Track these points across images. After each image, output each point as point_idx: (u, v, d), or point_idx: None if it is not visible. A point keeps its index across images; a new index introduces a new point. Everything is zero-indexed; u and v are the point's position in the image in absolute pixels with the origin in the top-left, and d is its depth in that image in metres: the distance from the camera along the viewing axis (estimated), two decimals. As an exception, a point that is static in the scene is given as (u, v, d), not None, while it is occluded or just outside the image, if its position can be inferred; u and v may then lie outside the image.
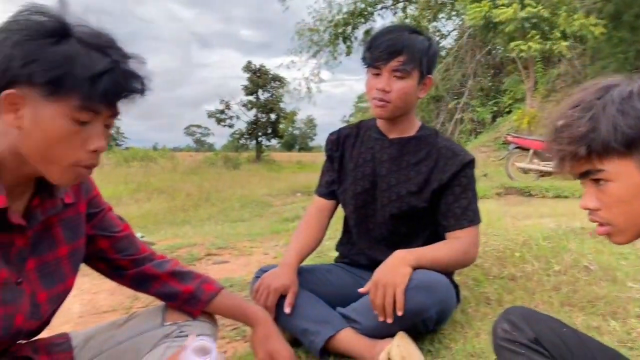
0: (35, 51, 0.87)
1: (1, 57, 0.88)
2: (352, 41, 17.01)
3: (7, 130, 0.93)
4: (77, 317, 2.37)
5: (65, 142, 0.93)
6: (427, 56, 1.73)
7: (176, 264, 1.35)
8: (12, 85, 0.89)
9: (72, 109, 0.91)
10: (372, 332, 1.66)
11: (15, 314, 1.03)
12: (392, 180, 1.82)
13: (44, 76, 0.87)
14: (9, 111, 0.90)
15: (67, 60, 0.88)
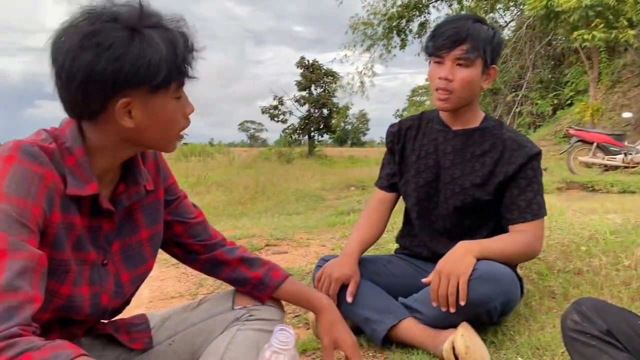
0: (138, 55, 0.94)
1: (107, 73, 0.93)
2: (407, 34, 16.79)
3: (108, 129, 1.01)
4: (147, 301, 2.48)
5: (175, 119, 1.05)
6: (491, 45, 1.71)
7: (245, 251, 1.40)
8: (121, 95, 0.96)
9: (173, 92, 1.02)
10: (434, 322, 1.67)
11: (102, 293, 1.10)
12: (455, 172, 1.81)
13: (155, 77, 0.96)
14: (123, 115, 0.98)
15: (161, 56, 0.96)
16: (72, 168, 1.00)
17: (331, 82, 39.16)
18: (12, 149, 0.93)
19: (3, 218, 0.85)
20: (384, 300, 1.78)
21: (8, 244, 0.83)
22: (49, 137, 1.00)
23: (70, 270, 1.01)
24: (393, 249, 2.14)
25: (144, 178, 1.15)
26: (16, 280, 0.80)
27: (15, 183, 0.89)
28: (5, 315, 0.76)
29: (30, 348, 0.75)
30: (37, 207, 0.91)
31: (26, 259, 0.84)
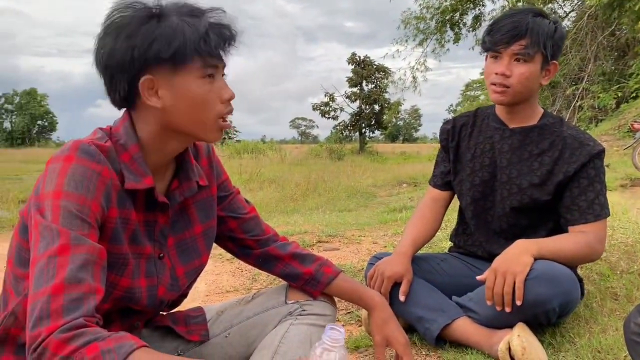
0: (150, 34, 0.98)
1: (122, 50, 0.98)
2: (460, 28, 16.43)
3: (147, 116, 1.05)
4: (203, 295, 2.55)
5: (205, 101, 1.04)
6: (552, 40, 1.64)
7: (297, 247, 1.41)
8: (142, 72, 1.00)
9: (198, 70, 1.02)
10: (490, 322, 1.64)
11: (158, 285, 1.14)
12: (512, 171, 1.76)
13: (168, 51, 0.98)
14: (150, 95, 1.02)
15: (177, 31, 0.98)
16: (127, 163, 1.04)
17: (383, 77, 38.92)
18: (71, 148, 0.97)
19: (64, 214, 0.90)
20: (438, 299, 1.76)
21: (70, 239, 0.88)
22: (105, 136, 1.05)
23: (128, 263, 1.05)
24: (446, 247, 2.12)
25: (196, 174, 1.18)
26: (79, 273, 0.85)
27: (74, 181, 0.94)
28: (71, 306, 0.81)
29: (97, 338, 0.79)
30: (95, 203, 0.95)
31: (87, 253, 0.88)
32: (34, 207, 0.93)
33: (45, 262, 0.85)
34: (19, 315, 1.03)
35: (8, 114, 72.73)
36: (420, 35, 16.61)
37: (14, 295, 1.05)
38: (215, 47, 1.02)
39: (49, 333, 0.77)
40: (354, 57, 40.32)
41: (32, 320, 0.80)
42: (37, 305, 0.81)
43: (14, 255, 1.06)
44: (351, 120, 40.00)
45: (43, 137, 73.13)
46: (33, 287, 0.84)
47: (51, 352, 0.77)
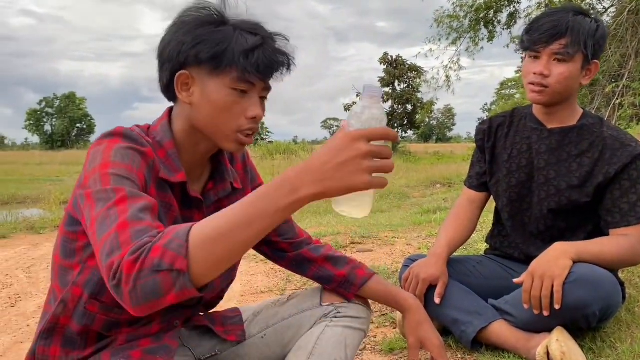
0: (201, 35, 1.03)
1: (175, 43, 1.05)
2: (495, 26, 16.14)
3: (182, 112, 1.10)
4: (238, 295, 2.59)
5: (228, 111, 1.06)
6: (594, 39, 1.60)
7: (330, 249, 1.42)
8: (183, 67, 1.05)
9: (232, 80, 1.04)
10: (527, 325, 1.61)
11: None
12: (550, 173, 1.72)
13: (208, 52, 1.02)
14: (183, 90, 1.07)
15: (225, 40, 1.02)
16: (163, 159, 1.08)
17: (415, 77, 38.61)
18: (115, 133, 1.02)
19: (116, 178, 0.92)
20: (474, 302, 1.75)
21: (127, 192, 0.90)
22: (143, 132, 1.09)
23: None
24: (482, 249, 2.09)
25: (230, 176, 1.22)
26: (140, 214, 0.86)
27: (120, 154, 0.97)
28: (138, 236, 0.81)
29: (154, 241, 0.78)
30: (140, 174, 0.98)
31: (145, 201, 0.90)
32: (80, 190, 0.95)
33: (106, 212, 0.86)
34: (68, 303, 1.07)
35: (49, 117, 75.03)
36: (453, 34, 16.36)
37: (60, 288, 1.08)
38: (255, 66, 1.03)
39: (121, 258, 0.78)
40: (386, 57, 40.14)
41: (103, 257, 0.81)
42: (106, 245, 0.82)
43: (59, 248, 1.10)
44: (383, 121, 39.76)
45: (82, 139, 75.15)
46: (98, 235, 0.84)
47: (125, 274, 0.77)
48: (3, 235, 5.05)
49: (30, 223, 5.76)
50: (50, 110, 74.86)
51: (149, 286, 0.76)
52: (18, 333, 2.30)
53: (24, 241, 4.82)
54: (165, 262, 0.76)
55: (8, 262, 3.79)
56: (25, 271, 3.49)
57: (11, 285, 3.13)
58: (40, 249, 4.34)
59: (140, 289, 0.76)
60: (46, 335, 1.09)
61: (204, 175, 1.19)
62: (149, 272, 0.76)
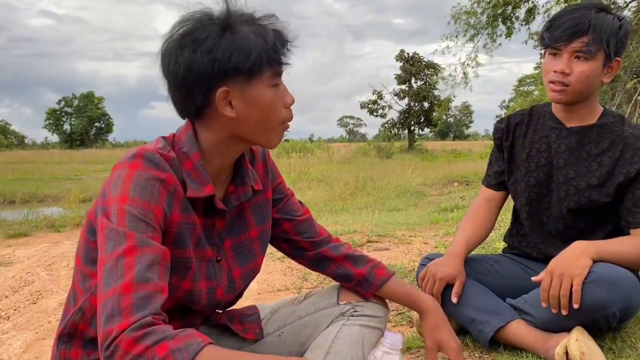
0: (228, 47, 1.01)
1: (202, 63, 1.01)
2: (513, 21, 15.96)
3: (215, 125, 1.08)
4: (255, 293, 2.61)
5: (274, 108, 1.08)
6: (617, 37, 1.57)
7: (350, 248, 1.42)
8: (219, 85, 1.03)
9: (269, 79, 1.06)
10: (546, 325, 1.60)
11: (217, 287, 1.18)
12: (570, 172, 1.70)
13: (245, 63, 1.01)
14: (225, 106, 1.05)
15: (250, 44, 1.01)
16: (189, 172, 1.08)
17: (432, 74, 38.40)
18: (137, 156, 1.01)
19: (130, 218, 0.94)
20: (491, 301, 1.73)
21: (136, 240, 0.91)
22: (167, 145, 1.09)
23: (190, 267, 1.09)
24: (500, 247, 2.08)
25: (251, 179, 1.21)
26: (147, 273, 0.88)
27: (139, 187, 0.97)
28: (140, 304, 0.84)
29: (165, 337, 0.82)
30: (158, 209, 0.99)
31: (153, 254, 0.92)
32: (101, 210, 0.98)
33: (114, 262, 0.89)
34: (86, 312, 1.09)
35: (68, 116, 76.00)
36: (471, 30, 16.19)
37: (82, 292, 1.11)
38: (282, 56, 1.06)
39: (120, 330, 0.81)
40: (403, 54, 39.96)
41: (103, 318, 0.84)
42: (107, 304, 0.84)
43: (82, 253, 1.12)
44: (400, 118, 39.68)
45: (100, 138, 76.03)
46: (102, 287, 0.87)
47: (123, 349, 0.80)
48: (24, 233, 5.14)
49: (50, 221, 5.86)
50: (69, 110, 75.82)
51: None
52: (40, 330, 2.34)
53: (44, 239, 4.91)
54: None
55: (29, 260, 3.86)
56: (46, 269, 3.55)
57: (32, 283, 3.18)
58: (61, 247, 4.41)
59: None
60: (66, 339, 1.12)
61: (226, 179, 1.19)
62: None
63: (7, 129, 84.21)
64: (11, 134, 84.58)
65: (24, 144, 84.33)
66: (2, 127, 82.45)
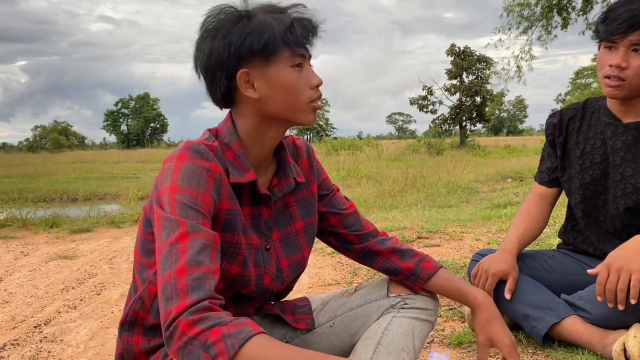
0: (242, 31, 1.07)
1: (219, 49, 1.08)
2: (569, 12, 15.39)
3: (246, 109, 1.14)
4: (307, 287, 2.65)
5: (296, 87, 1.12)
6: None
7: (396, 242, 1.42)
8: (238, 67, 1.09)
9: (288, 59, 1.10)
10: (603, 322, 1.56)
11: (265, 274, 1.22)
12: (627, 170, 1.65)
13: (259, 43, 1.06)
14: (248, 88, 1.11)
15: (265, 26, 1.07)
16: (232, 160, 1.13)
17: (484, 68, 37.57)
18: (183, 148, 1.08)
19: (181, 206, 1.00)
20: (545, 297, 1.71)
21: (188, 227, 0.97)
22: (212, 136, 1.16)
23: (240, 252, 1.14)
24: (554, 244, 2.04)
25: (293, 171, 1.26)
26: (198, 256, 0.94)
27: (187, 177, 1.03)
28: (195, 285, 0.89)
29: (219, 323, 0.86)
30: (207, 196, 1.04)
31: (204, 238, 0.97)
32: (155, 201, 1.04)
33: (168, 249, 0.95)
34: (145, 300, 1.15)
35: (124, 117, 78.90)
36: (524, 22, 15.73)
37: (140, 282, 1.18)
38: (301, 37, 1.10)
39: (178, 312, 0.86)
40: (453, 49, 39.24)
41: (163, 301, 0.90)
42: (166, 288, 0.90)
43: (139, 246, 1.19)
44: (451, 114, 39.01)
45: (155, 138, 78.59)
46: (160, 272, 0.94)
47: (180, 331, 0.85)
48: (87, 229, 5.39)
49: (110, 218, 6.12)
50: (125, 111, 78.70)
51: (194, 356, 0.84)
52: (104, 319, 2.47)
53: (105, 234, 5.13)
54: (214, 350, 0.83)
55: (92, 254, 4.06)
56: (108, 262, 3.73)
57: (96, 275, 3.35)
58: (121, 242, 4.61)
59: (187, 353, 0.85)
60: (128, 327, 1.18)
61: (269, 172, 1.24)
62: (200, 346, 0.84)
63: (69, 130, 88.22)
64: (72, 135, 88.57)
65: (84, 145, 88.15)
66: (64, 129, 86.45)
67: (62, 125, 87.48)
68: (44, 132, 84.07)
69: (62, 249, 4.31)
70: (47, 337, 2.25)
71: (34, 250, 4.30)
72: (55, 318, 2.51)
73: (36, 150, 66.08)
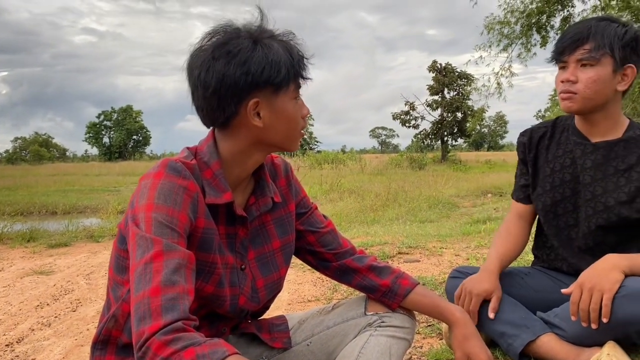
0: (261, 60, 1.07)
1: (235, 75, 1.06)
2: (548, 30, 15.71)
3: (240, 134, 1.13)
4: (286, 304, 2.64)
5: (295, 118, 1.16)
6: (621, 42, 1.57)
7: (374, 260, 1.43)
8: (251, 96, 1.09)
9: (293, 92, 1.13)
10: (577, 339, 1.57)
11: (240, 294, 1.21)
12: (597, 189, 1.68)
13: (278, 76, 1.08)
14: (253, 116, 1.11)
15: (282, 58, 1.08)
16: (209, 180, 1.13)
17: (465, 84, 38.06)
18: (160, 166, 1.08)
19: (156, 225, 0.99)
20: (521, 314, 1.72)
21: (163, 246, 0.96)
22: (191, 155, 1.15)
23: (215, 271, 1.13)
24: (531, 259, 2.05)
25: (271, 191, 1.26)
26: (173, 276, 0.93)
27: (164, 195, 1.03)
28: (168, 305, 0.88)
29: (193, 343, 0.85)
30: (183, 214, 1.04)
31: (179, 258, 0.96)
32: (130, 219, 1.03)
33: (143, 268, 0.94)
34: (119, 318, 1.14)
35: (107, 129, 78.19)
36: (504, 40, 16.02)
37: (114, 300, 1.16)
38: (305, 71, 1.14)
39: (151, 332, 0.85)
40: (435, 65, 39.74)
41: (136, 320, 0.89)
42: (139, 307, 0.89)
43: (113, 263, 1.18)
44: (433, 129, 39.38)
45: (138, 151, 77.94)
46: (134, 291, 0.92)
47: (153, 352, 0.84)
48: (65, 243, 5.31)
49: (89, 232, 6.04)
50: (108, 123, 78.00)
51: None
52: (79, 337, 2.42)
53: (83, 249, 5.06)
54: None
55: (69, 269, 3.99)
56: (85, 278, 3.67)
57: (72, 291, 3.29)
58: (99, 256, 4.54)
59: None
60: (101, 346, 1.16)
61: (247, 191, 1.24)
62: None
63: (50, 142, 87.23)
64: (53, 147, 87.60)
65: (65, 157, 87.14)
66: (45, 140, 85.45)
67: (43, 137, 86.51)
68: (24, 144, 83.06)
69: (39, 264, 4.24)
70: (19, 355, 2.20)
71: (9, 266, 4.22)
72: (29, 336, 2.46)
73: (16, 162, 65.17)
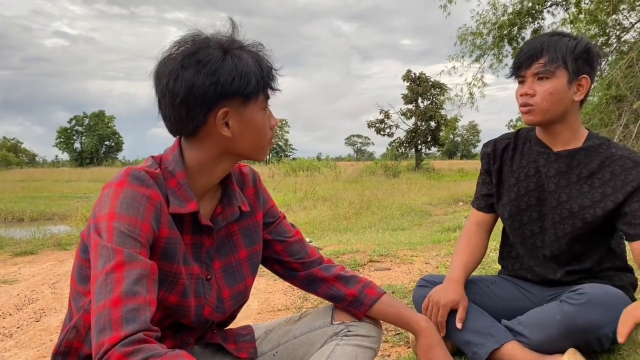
0: (231, 70, 1.06)
1: (204, 85, 1.05)
2: (519, 42, 16.03)
3: (208, 143, 1.12)
4: (255, 313, 2.62)
5: (265, 129, 1.16)
6: (573, 55, 1.63)
7: (342, 269, 1.43)
8: (220, 106, 1.08)
9: (262, 102, 1.13)
10: (540, 346, 1.60)
11: (205, 305, 1.20)
12: (562, 196, 1.72)
13: (248, 87, 1.08)
14: (222, 126, 1.10)
15: (252, 69, 1.08)
16: (174, 189, 1.12)
17: (439, 94, 38.56)
18: (123, 174, 1.06)
19: (118, 234, 0.97)
20: (486, 323, 1.74)
21: (125, 256, 0.95)
22: (155, 164, 1.13)
23: (178, 281, 1.12)
24: (498, 268, 2.08)
25: (238, 200, 1.25)
26: (134, 287, 0.91)
27: (126, 204, 1.01)
28: (129, 316, 0.87)
29: (154, 355, 0.84)
30: (146, 224, 1.02)
31: (141, 268, 0.95)
32: (92, 228, 1.01)
33: (104, 278, 0.92)
34: (80, 329, 1.11)
35: (78, 135, 76.81)
36: (477, 51, 16.26)
37: (75, 310, 1.14)
38: (274, 83, 1.14)
39: (111, 344, 0.84)
40: (409, 74, 40.19)
41: (95, 331, 0.87)
42: (99, 318, 0.88)
43: (75, 273, 1.16)
44: (407, 137, 39.78)
45: (110, 156, 76.76)
46: (95, 302, 0.91)
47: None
48: (31, 252, 5.18)
49: (57, 239, 5.91)
50: (80, 129, 76.64)
51: None
52: (42, 348, 2.36)
53: (50, 257, 4.94)
54: None
55: (35, 278, 3.89)
56: (51, 287, 3.58)
57: (37, 301, 3.21)
58: (66, 265, 4.44)
59: None
60: (62, 357, 1.14)
61: (213, 200, 1.23)
62: None
63: (19, 147, 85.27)
64: (22, 152, 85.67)
65: (34, 162, 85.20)
66: (14, 145, 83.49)
67: (11, 142, 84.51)
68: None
69: (2, 272, 4.12)
70: (-21, 368, 2.14)
71: (-29, 274, 4.10)
72: (-11, 347, 2.39)
73: (-18, 167, 63.47)
